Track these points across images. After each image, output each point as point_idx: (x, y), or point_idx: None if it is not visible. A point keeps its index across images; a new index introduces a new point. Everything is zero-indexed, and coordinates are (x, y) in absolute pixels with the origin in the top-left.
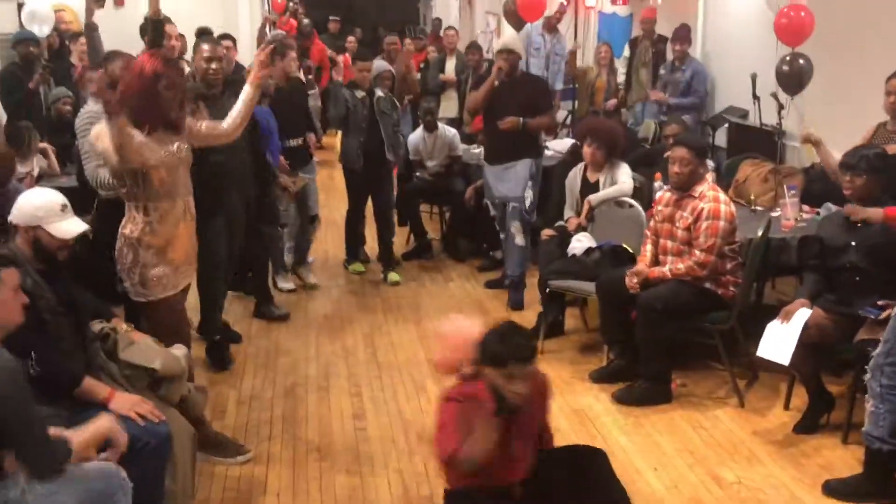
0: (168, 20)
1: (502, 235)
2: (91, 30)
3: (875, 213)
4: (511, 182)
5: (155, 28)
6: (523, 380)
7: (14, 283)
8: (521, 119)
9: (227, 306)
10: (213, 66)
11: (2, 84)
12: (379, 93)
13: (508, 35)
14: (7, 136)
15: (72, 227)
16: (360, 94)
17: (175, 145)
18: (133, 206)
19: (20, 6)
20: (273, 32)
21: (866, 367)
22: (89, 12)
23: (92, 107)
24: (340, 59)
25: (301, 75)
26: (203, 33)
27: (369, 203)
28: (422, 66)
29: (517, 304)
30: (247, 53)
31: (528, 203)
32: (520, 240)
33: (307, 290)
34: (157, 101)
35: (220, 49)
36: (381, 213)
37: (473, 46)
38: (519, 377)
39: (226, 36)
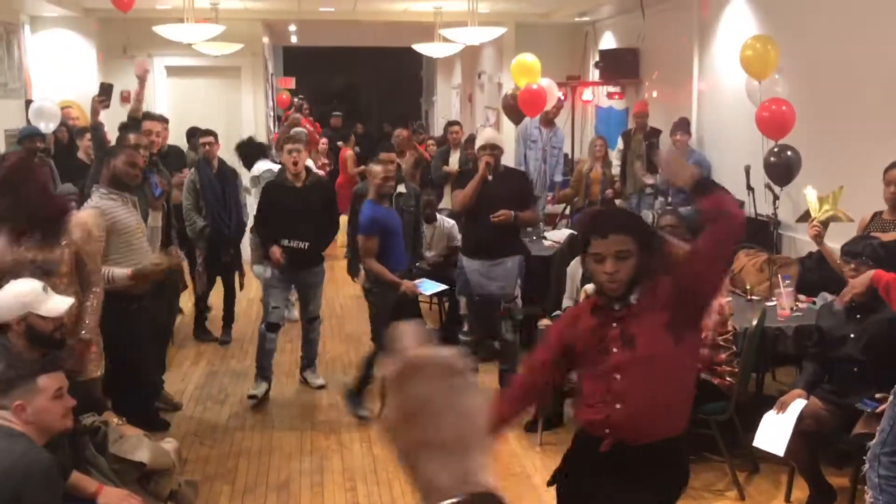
0: (160, 118)
1: (465, 337)
2: (96, 129)
3: (862, 279)
4: (501, 280)
5: (132, 126)
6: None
7: (54, 388)
8: (513, 212)
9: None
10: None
11: None
12: (401, 189)
13: (490, 131)
14: None
15: (60, 303)
16: None
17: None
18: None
19: (28, 103)
20: (295, 130)
21: (865, 458)
22: (95, 112)
23: (96, 202)
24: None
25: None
26: (193, 135)
27: None
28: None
29: None
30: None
31: (519, 301)
32: (511, 337)
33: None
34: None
35: (142, 137)
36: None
37: (471, 140)
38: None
39: (207, 132)
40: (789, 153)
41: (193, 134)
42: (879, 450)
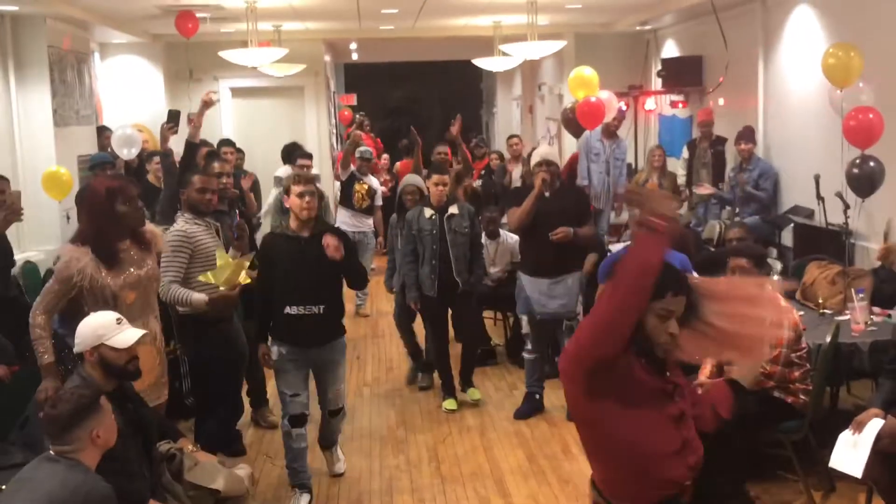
0: (211, 145)
1: (529, 355)
2: (165, 156)
3: None
4: (563, 298)
5: (189, 149)
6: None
7: (110, 407)
8: (573, 229)
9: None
10: (223, 180)
11: (79, 205)
12: (453, 209)
13: (545, 148)
14: None
15: (130, 335)
16: (428, 212)
17: (144, 266)
18: None
19: (99, 129)
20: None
21: None
22: (164, 140)
23: (182, 226)
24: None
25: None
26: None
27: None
28: (482, 173)
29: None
30: (315, 169)
31: (581, 318)
32: None
33: (366, 403)
34: (116, 217)
35: (223, 165)
36: (462, 337)
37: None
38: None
39: (306, 154)
40: (872, 164)
41: (292, 151)
42: None
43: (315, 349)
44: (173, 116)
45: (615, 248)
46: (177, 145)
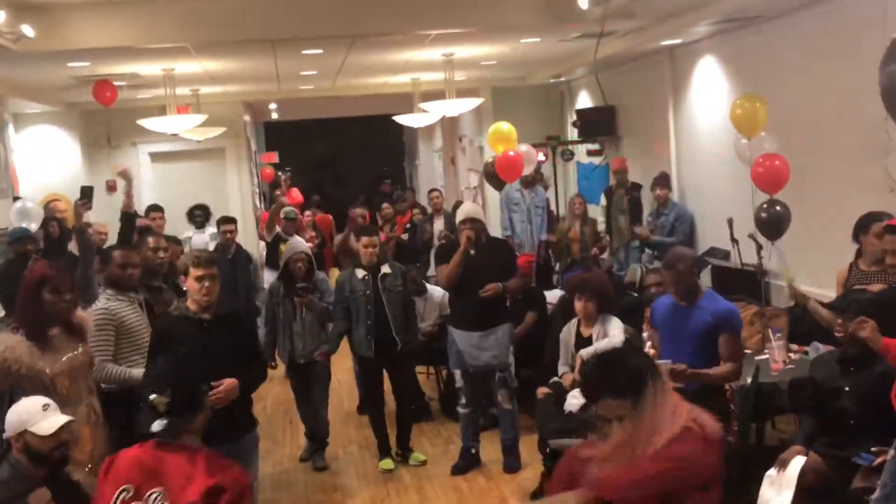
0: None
1: (463, 409)
2: (80, 232)
3: (876, 338)
4: (495, 349)
5: (126, 220)
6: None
7: (45, 500)
8: (501, 284)
9: None
10: (160, 254)
11: (0, 282)
12: (385, 269)
13: (469, 206)
14: None
15: (53, 423)
16: (360, 273)
17: (76, 351)
18: None
19: (15, 199)
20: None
21: None
22: (78, 216)
23: (104, 304)
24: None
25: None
26: (196, 209)
27: None
28: (407, 227)
29: (513, 468)
30: (239, 230)
31: (512, 369)
32: (508, 404)
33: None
34: (42, 306)
35: (157, 240)
36: (399, 396)
37: (457, 207)
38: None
39: (229, 219)
40: (778, 208)
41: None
42: None
43: (223, 447)
44: (86, 192)
45: (548, 295)
46: (100, 211)
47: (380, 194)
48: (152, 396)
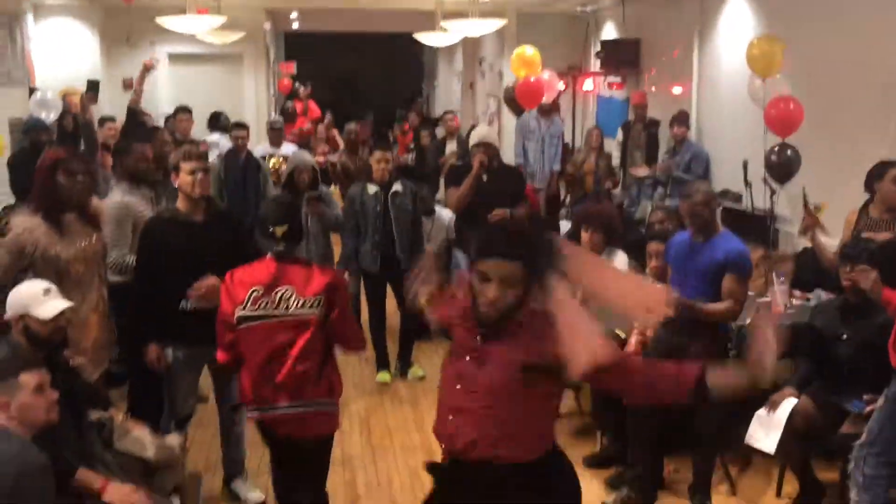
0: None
1: None
2: (87, 126)
3: (877, 290)
4: None
5: (130, 116)
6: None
7: (34, 384)
8: (510, 211)
9: None
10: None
11: (13, 170)
12: (397, 187)
13: (483, 129)
14: None
15: (54, 307)
16: (372, 189)
17: (91, 238)
18: None
19: (31, 91)
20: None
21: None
22: (83, 109)
23: (120, 197)
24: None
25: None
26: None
27: None
28: (410, 147)
29: None
30: (253, 138)
31: None
32: None
33: None
34: (56, 189)
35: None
36: (403, 312)
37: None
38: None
39: (241, 125)
40: (789, 152)
41: (216, 118)
42: (866, 450)
43: (212, 346)
44: (93, 86)
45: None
46: (113, 108)
47: (412, 113)
48: (274, 227)
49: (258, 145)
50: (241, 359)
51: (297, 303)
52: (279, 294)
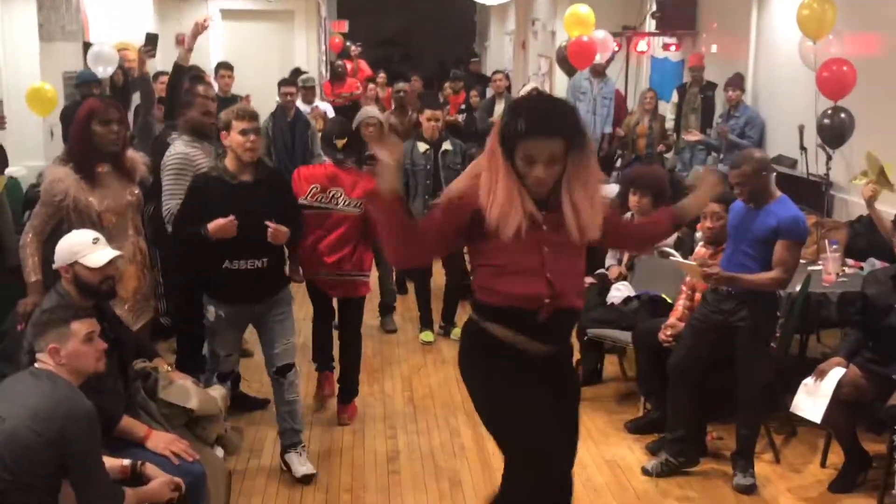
0: (198, 71)
1: None
2: (143, 79)
3: None
4: None
5: (178, 72)
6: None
7: (84, 333)
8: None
9: None
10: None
11: (65, 122)
12: (447, 145)
13: (529, 88)
14: None
15: (104, 255)
16: (422, 147)
17: (125, 190)
18: None
19: (85, 45)
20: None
21: None
22: (141, 63)
23: (182, 149)
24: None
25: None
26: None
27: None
28: (461, 108)
29: None
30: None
31: None
32: None
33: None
34: (90, 139)
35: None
36: (449, 271)
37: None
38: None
39: (289, 82)
40: (843, 115)
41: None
42: None
43: (258, 305)
44: (151, 39)
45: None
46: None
47: (469, 73)
48: (336, 140)
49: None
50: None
51: (345, 202)
52: (332, 193)
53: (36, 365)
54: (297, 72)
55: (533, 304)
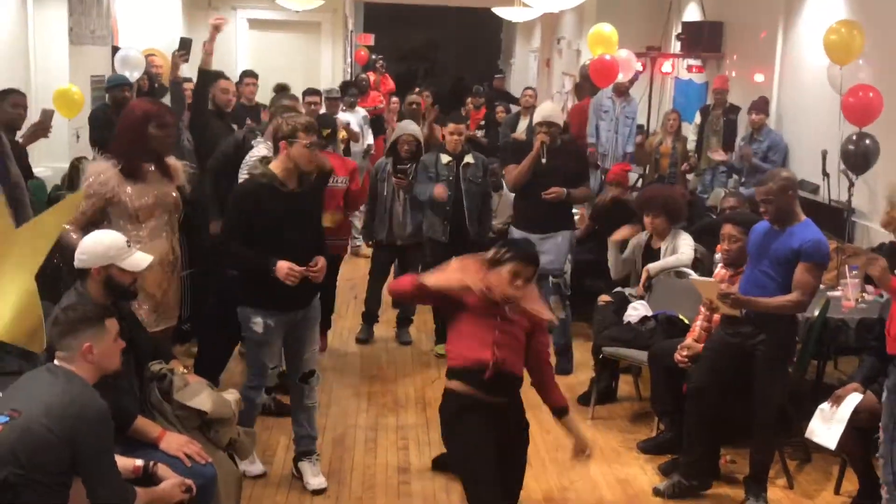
0: (222, 75)
1: None
2: (176, 84)
3: (884, 278)
4: (552, 254)
5: (202, 77)
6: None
7: (115, 331)
8: (566, 190)
9: None
10: None
11: (92, 126)
12: (469, 158)
13: (547, 107)
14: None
15: (141, 260)
16: (445, 158)
17: (165, 190)
18: None
19: (115, 50)
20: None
21: None
22: (175, 67)
23: (264, 152)
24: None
25: None
26: (282, 89)
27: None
28: (481, 124)
29: (565, 370)
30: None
31: (567, 278)
32: (560, 313)
33: (363, 345)
34: (147, 140)
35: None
36: None
37: (528, 108)
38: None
39: (314, 91)
40: (867, 141)
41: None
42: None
43: (301, 311)
44: (185, 44)
45: None
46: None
47: (492, 90)
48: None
49: None
50: None
51: (334, 180)
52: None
53: (55, 361)
54: (346, 85)
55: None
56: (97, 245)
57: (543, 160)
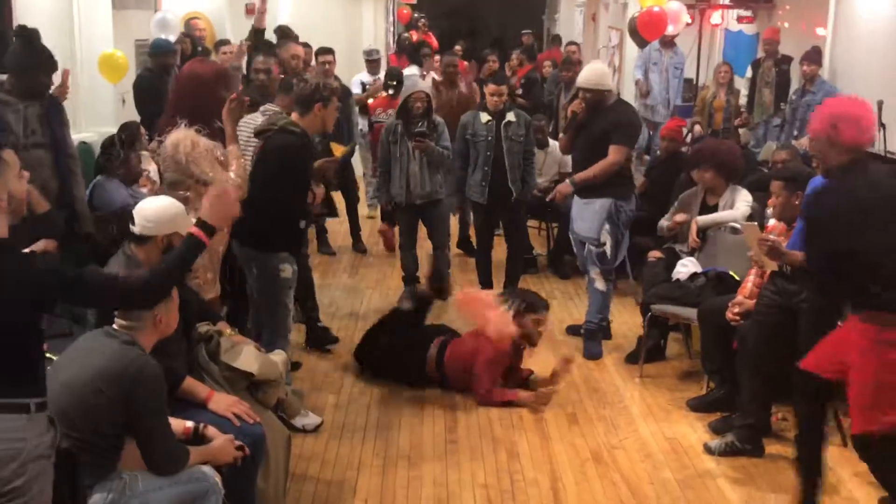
0: (294, 39)
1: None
2: (236, 69)
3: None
4: (588, 221)
5: (257, 35)
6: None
7: (176, 297)
8: (572, 188)
9: None
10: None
11: (137, 91)
12: (510, 116)
13: (587, 71)
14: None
15: None
16: (485, 117)
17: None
18: None
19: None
20: None
21: None
22: (240, 55)
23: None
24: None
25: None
26: (284, 35)
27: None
28: (522, 81)
29: (593, 356)
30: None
31: (608, 249)
32: (599, 285)
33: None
34: (219, 102)
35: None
36: (510, 243)
37: (567, 62)
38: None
39: (327, 50)
40: None
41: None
42: None
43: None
44: (256, 36)
45: None
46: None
47: (520, 45)
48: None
49: (357, 74)
50: None
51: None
52: None
53: (114, 326)
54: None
55: None
56: (165, 212)
57: (584, 123)
